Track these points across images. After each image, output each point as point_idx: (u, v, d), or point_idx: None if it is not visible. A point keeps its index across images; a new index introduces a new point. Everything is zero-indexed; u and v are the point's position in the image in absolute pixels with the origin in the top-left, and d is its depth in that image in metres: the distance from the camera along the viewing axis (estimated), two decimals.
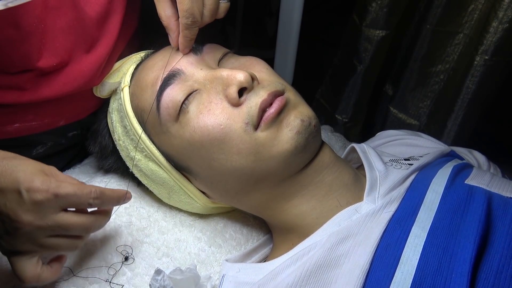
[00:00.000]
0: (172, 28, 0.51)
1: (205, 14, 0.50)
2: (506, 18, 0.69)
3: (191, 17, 0.48)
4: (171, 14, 0.50)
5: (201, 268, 0.55)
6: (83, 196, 0.42)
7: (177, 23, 0.51)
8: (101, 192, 0.44)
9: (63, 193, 0.41)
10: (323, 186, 0.51)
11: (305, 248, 0.46)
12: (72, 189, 0.42)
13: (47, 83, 0.52)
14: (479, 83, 0.75)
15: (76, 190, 0.42)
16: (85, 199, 0.42)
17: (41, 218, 0.41)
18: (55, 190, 0.41)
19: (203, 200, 0.56)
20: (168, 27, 0.51)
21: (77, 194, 0.42)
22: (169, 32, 0.52)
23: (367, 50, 0.86)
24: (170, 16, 0.50)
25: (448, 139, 0.82)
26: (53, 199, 0.41)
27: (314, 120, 0.50)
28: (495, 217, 0.44)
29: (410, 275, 0.40)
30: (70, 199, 0.42)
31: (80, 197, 0.42)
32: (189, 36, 0.50)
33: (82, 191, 0.42)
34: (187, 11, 0.48)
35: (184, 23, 0.49)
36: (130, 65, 0.57)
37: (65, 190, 0.41)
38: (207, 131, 0.48)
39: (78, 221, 0.43)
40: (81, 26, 0.52)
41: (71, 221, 0.43)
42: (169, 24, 0.51)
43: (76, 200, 0.42)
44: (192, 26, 0.49)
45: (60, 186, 0.41)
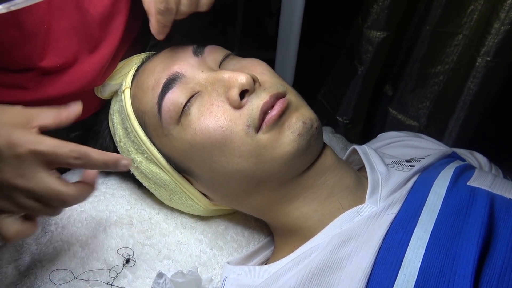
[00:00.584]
0: (151, 13, 0.49)
1: (182, 3, 0.48)
2: (508, 20, 0.69)
3: (164, 3, 0.47)
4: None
5: (203, 270, 0.55)
6: (62, 154, 0.39)
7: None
8: (85, 153, 0.40)
9: (41, 149, 0.39)
10: (325, 188, 0.50)
11: (307, 250, 0.46)
12: (50, 144, 0.39)
13: (50, 82, 0.52)
14: (481, 84, 0.75)
15: (55, 146, 0.39)
16: (64, 158, 0.39)
17: (20, 174, 0.39)
18: (34, 145, 0.38)
19: (204, 202, 0.56)
20: (148, 11, 0.50)
21: (56, 152, 0.39)
22: (149, 16, 0.50)
23: (368, 51, 0.86)
24: (151, 0, 0.49)
25: (449, 140, 0.82)
26: (31, 155, 0.39)
27: (316, 122, 0.50)
28: (498, 218, 0.44)
29: (412, 278, 0.40)
30: (49, 156, 0.39)
31: (58, 156, 0.39)
32: (162, 21, 0.49)
33: (61, 149, 0.39)
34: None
35: (157, 7, 0.48)
36: (131, 66, 0.57)
37: (42, 146, 0.39)
38: (208, 134, 0.48)
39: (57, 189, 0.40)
40: (85, 27, 0.52)
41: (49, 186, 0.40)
42: (150, 8, 0.49)
43: (54, 158, 0.39)
44: (165, 13, 0.48)
45: (38, 141, 0.39)
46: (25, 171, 0.39)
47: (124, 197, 0.60)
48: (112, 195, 0.60)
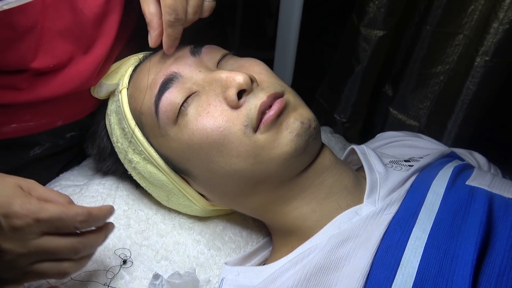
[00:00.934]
0: (153, 26, 0.49)
1: (188, 12, 0.48)
2: (506, 19, 0.69)
3: (174, 14, 0.47)
4: (155, 11, 0.49)
5: (200, 271, 0.54)
6: (68, 219, 0.39)
7: (160, 21, 0.49)
8: (88, 213, 0.40)
9: (45, 217, 0.38)
10: (323, 188, 0.50)
11: (305, 251, 0.46)
12: (55, 211, 0.38)
13: (44, 83, 0.52)
14: (480, 84, 0.75)
15: (60, 213, 0.38)
16: (71, 222, 0.39)
17: (22, 245, 0.38)
18: (36, 214, 0.37)
19: (202, 203, 0.56)
20: (150, 24, 0.50)
21: (62, 218, 0.38)
22: (150, 30, 0.50)
23: (365, 50, 0.85)
24: (154, 13, 0.49)
25: (448, 140, 0.82)
26: (34, 224, 0.37)
27: (314, 122, 0.49)
28: (497, 218, 0.44)
29: (411, 278, 0.39)
30: (54, 223, 0.38)
31: (65, 221, 0.39)
32: (172, 34, 0.49)
33: (67, 214, 0.39)
34: (170, 7, 0.46)
35: (167, 20, 0.47)
36: (128, 66, 0.57)
37: (47, 213, 0.38)
38: (206, 134, 0.47)
39: (64, 243, 0.40)
40: (78, 27, 0.52)
41: (55, 243, 0.39)
42: (152, 21, 0.49)
43: (60, 224, 0.39)
44: (175, 24, 0.48)
45: (42, 209, 0.38)
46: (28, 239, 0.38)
47: (122, 198, 0.60)
48: (109, 195, 0.59)
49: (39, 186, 0.42)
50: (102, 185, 0.61)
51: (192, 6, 0.48)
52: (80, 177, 0.66)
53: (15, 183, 0.40)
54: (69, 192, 0.60)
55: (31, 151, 0.61)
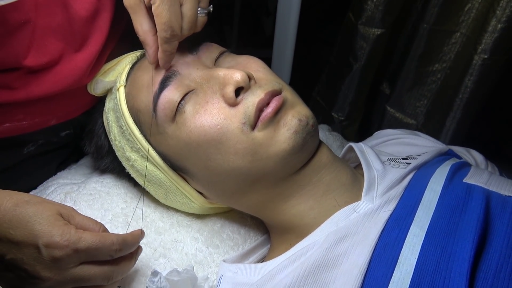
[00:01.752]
0: (149, 44, 0.49)
1: (184, 27, 0.48)
2: (504, 17, 0.69)
3: (169, 30, 0.46)
4: (148, 28, 0.48)
5: (199, 269, 0.54)
6: (105, 248, 0.41)
7: (154, 38, 0.49)
8: (123, 241, 0.42)
9: (83, 247, 0.39)
10: (321, 186, 0.50)
11: (303, 248, 0.46)
12: (93, 242, 0.40)
13: (37, 81, 0.52)
14: (477, 82, 0.75)
15: (97, 243, 0.40)
16: (107, 251, 0.41)
17: (60, 273, 0.39)
18: (75, 245, 0.39)
19: (200, 201, 0.56)
20: (145, 42, 0.49)
21: (99, 247, 0.40)
22: (146, 47, 0.50)
23: (363, 48, 0.86)
24: (147, 30, 0.48)
25: (446, 138, 0.82)
26: (73, 254, 0.39)
27: (312, 120, 0.49)
28: (494, 215, 0.44)
29: (408, 275, 0.40)
30: (91, 252, 0.40)
31: (101, 250, 0.41)
32: (168, 50, 0.48)
33: (104, 244, 0.40)
34: (165, 24, 0.46)
35: (163, 36, 0.47)
36: (126, 64, 0.57)
37: (86, 244, 0.40)
38: (203, 131, 0.47)
39: (99, 272, 0.42)
40: (70, 24, 0.52)
41: (91, 272, 0.41)
42: (146, 39, 0.49)
43: (97, 253, 0.41)
44: (171, 40, 0.47)
45: (80, 239, 0.39)
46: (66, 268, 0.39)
47: (120, 196, 0.59)
48: (107, 193, 0.59)
49: (77, 213, 0.44)
50: (100, 183, 0.61)
51: (188, 22, 0.48)
52: (77, 176, 0.66)
53: (56, 210, 0.41)
54: (67, 190, 0.60)
55: (25, 148, 0.61)
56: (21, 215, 0.39)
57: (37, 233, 0.38)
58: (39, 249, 0.38)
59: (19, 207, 0.40)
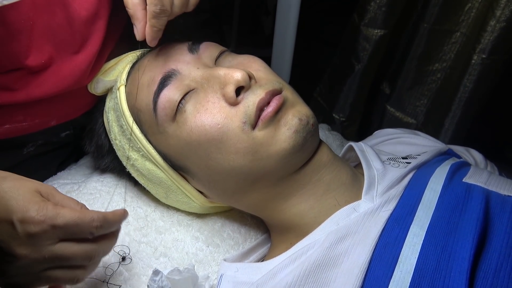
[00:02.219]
0: (138, 18, 0.47)
1: (175, 4, 0.47)
2: (503, 17, 0.69)
3: (159, 4, 0.45)
4: (138, 1, 0.47)
5: (199, 268, 0.54)
6: (84, 225, 0.38)
7: (144, 12, 0.47)
8: (104, 218, 0.40)
9: (61, 223, 0.37)
10: (321, 185, 0.50)
11: (303, 247, 0.46)
12: (71, 218, 0.38)
13: (37, 82, 0.51)
14: (477, 82, 0.75)
15: (76, 219, 0.38)
16: (87, 228, 0.39)
17: (37, 250, 0.37)
18: (52, 220, 0.37)
19: (200, 200, 0.56)
20: (134, 16, 0.48)
21: (78, 224, 0.38)
22: (135, 22, 0.48)
23: (365, 49, 0.86)
24: (137, 3, 0.47)
25: (446, 137, 0.82)
26: (50, 230, 0.37)
27: (312, 119, 0.50)
28: (493, 215, 0.44)
29: (409, 274, 0.40)
30: (70, 229, 0.38)
31: (81, 227, 0.38)
32: (156, 26, 0.47)
33: (83, 220, 0.38)
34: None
35: (152, 10, 0.46)
36: (126, 63, 0.57)
37: (63, 219, 0.37)
38: (204, 131, 0.47)
39: (79, 250, 0.39)
40: (70, 25, 0.52)
41: (70, 251, 0.39)
42: (135, 12, 0.47)
43: (76, 230, 0.38)
44: (160, 15, 0.46)
45: (58, 215, 0.37)
46: (43, 245, 0.37)
47: (120, 195, 0.59)
48: (107, 192, 0.59)
49: (57, 192, 0.42)
50: (100, 182, 0.61)
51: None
52: (78, 175, 0.66)
53: (34, 188, 0.40)
54: (67, 189, 0.60)
55: (25, 149, 0.61)
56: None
57: (12, 208, 0.36)
58: (13, 225, 0.36)
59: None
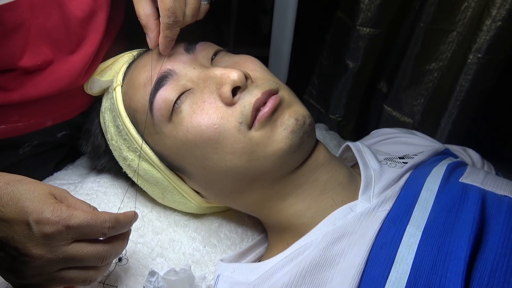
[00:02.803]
0: (150, 28, 0.49)
1: (187, 14, 0.48)
2: (499, 16, 0.69)
3: (173, 16, 0.47)
4: (150, 12, 0.48)
5: (196, 268, 0.54)
6: (97, 226, 0.40)
7: (156, 22, 0.49)
8: (116, 220, 0.41)
9: (75, 224, 0.39)
10: (318, 185, 0.50)
11: (300, 247, 0.46)
12: (85, 219, 0.39)
13: (32, 83, 0.51)
14: (473, 81, 0.76)
15: (89, 220, 0.39)
16: (99, 229, 0.40)
17: (52, 251, 0.39)
18: (66, 221, 0.38)
19: (197, 200, 0.56)
20: (146, 26, 0.49)
21: (91, 224, 0.39)
22: (147, 31, 0.50)
23: (360, 48, 0.86)
24: (150, 14, 0.48)
25: (442, 137, 0.83)
26: (64, 230, 0.38)
27: (309, 119, 0.49)
28: (489, 215, 0.44)
29: (405, 274, 0.40)
30: (83, 230, 0.39)
31: (94, 227, 0.40)
32: (170, 36, 0.49)
33: (96, 221, 0.40)
34: (169, 10, 0.46)
35: (166, 22, 0.47)
36: (122, 63, 0.57)
37: (77, 220, 0.39)
38: (200, 131, 0.47)
39: (92, 251, 0.41)
40: (66, 25, 0.51)
41: (84, 251, 0.40)
42: (148, 23, 0.49)
43: (89, 231, 0.40)
44: (174, 26, 0.48)
45: (72, 216, 0.39)
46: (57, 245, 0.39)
47: (117, 195, 0.59)
48: (104, 193, 0.59)
49: (70, 195, 0.43)
50: (96, 183, 0.61)
51: (191, 9, 0.48)
52: (74, 176, 0.66)
53: (49, 190, 0.41)
54: None
55: (21, 149, 0.60)
56: (12, 193, 0.38)
57: (27, 210, 0.38)
58: (29, 225, 0.38)
59: (10, 185, 0.39)
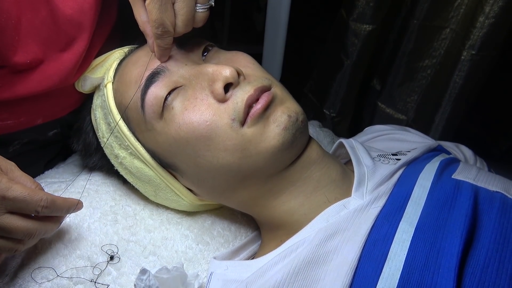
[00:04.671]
0: (148, 34, 0.49)
1: (178, 25, 0.48)
2: (492, 13, 0.69)
3: (160, 27, 0.46)
4: (147, 19, 0.48)
5: (189, 266, 0.54)
6: (32, 202, 0.41)
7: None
8: (52, 201, 0.43)
9: (11, 196, 0.40)
10: (311, 182, 0.50)
11: (293, 244, 0.46)
12: (21, 193, 0.41)
13: (22, 80, 0.51)
14: (466, 78, 0.76)
15: (25, 195, 0.41)
16: (34, 206, 0.42)
17: None
18: (3, 192, 0.40)
19: (190, 198, 0.55)
20: (144, 32, 0.49)
21: (26, 200, 0.41)
22: (146, 37, 0.50)
23: (354, 44, 0.86)
24: (146, 21, 0.48)
25: (436, 133, 0.83)
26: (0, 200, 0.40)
27: (302, 116, 0.49)
28: (482, 211, 0.44)
29: (398, 271, 0.40)
30: (18, 203, 0.41)
31: (28, 203, 0.41)
32: (162, 45, 0.48)
33: (32, 198, 0.41)
34: (156, 21, 0.46)
35: (155, 33, 0.47)
36: (113, 60, 0.56)
37: (13, 193, 0.40)
38: (192, 128, 0.47)
39: (22, 225, 0.42)
40: (55, 22, 0.51)
41: (15, 225, 0.42)
42: (145, 29, 0.49)
43: (23, 206, 0.41)
44: (163, 36, 0.47)
45: (9, 188, 0.40)
46: None
47: (108, 193, 0.59)
48: (96, 191, 0.59)
49: (17, 169, 0.44)
50: (88, 181, 0.60)
51: (182, 20, 0.47)
52: (65, 174, 0.65)
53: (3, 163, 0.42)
54: (54, 188, 0.59)
55: (10, 147, 0.60)
56: None
57: None
58: None
59: None
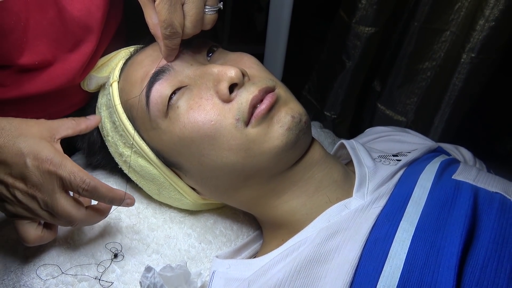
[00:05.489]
0: (158, 36, 0.50)
1: (187, 26, 0.48)
2: (492, 16, 0.70)
3: (169, 28, 0.47)
4: (157, 22, 0.49)
5: (191, 264, 0.55)
6: (75, 183, 0.43)
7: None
8: (94, 187, 0.44)
9: (59, 173, 0.43)
10: (313, 182, 0.51)
11: (295, 243, 0.47)
12: (68, 173, 0.43)
13: (29, 80, 0.51)
14: (466, 81, 0.76)
15: (69, 176, 0.43)
16: (75, 187, 0.44)
17: (39, 188, 0.43)
18: (54, 168, 0.43)
19: (193, 197, 0.56)
20: (155, 35, 0.50)
21: (70, 180, 0.43)
22: (157, 40, 0.51)
23: (356, 46, 0.86)
24: (157, 24, 0.49)
25: (435, 135, 0.83)
26: (50, 174, 0.43)
27: (305, 117, 0.50)
28: (481, 211, 0.45)
29: (398, 269, 0.40)
30: (64, 181, 0.43)
31: (72, 183, 0.43)
32: (169, 45, 0.49)
33: (75, 178, 0.43)
34: (165, 21, 0.47)
35: (163, 33, 0.48)
36: (119, 59, 0.56)
37: (61, 171, 0.43)
38: (197, 127, 0.47)
39: (68, 211, 0.44)
40: (63, 24, 0.51)
41: (64, 209, 0.44)
42: (156, 32, 0.49)
43: (68, 184, 0.44)
44: (172, 37, 0.48)
45: (61, 165, 0.43)
46: (45, 186, 0.43)
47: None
48: None
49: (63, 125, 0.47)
50: None
51: (191, 21, 0.48)
52: None
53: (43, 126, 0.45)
54: None
55: None
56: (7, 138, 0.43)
57: (23, 151, 0.42)
58: (25, 163, 0.42)
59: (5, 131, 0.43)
